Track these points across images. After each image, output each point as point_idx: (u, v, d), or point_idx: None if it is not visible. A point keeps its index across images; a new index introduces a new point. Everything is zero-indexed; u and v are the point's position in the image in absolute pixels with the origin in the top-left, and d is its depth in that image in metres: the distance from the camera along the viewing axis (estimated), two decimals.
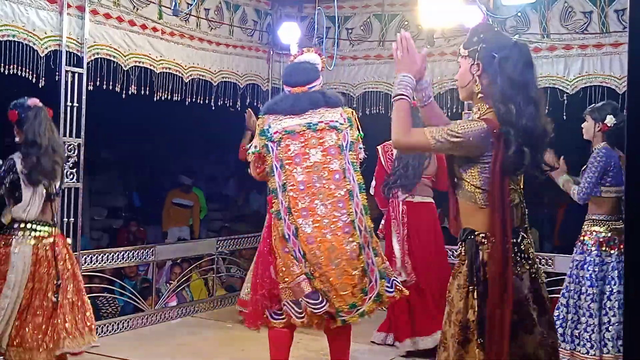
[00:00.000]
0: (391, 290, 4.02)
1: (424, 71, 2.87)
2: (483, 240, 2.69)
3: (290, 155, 3.98)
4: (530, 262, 2.73)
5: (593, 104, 4.81)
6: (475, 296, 2.65)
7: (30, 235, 4.19)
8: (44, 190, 4.21)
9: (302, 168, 3.96)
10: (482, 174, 2.68)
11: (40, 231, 4.22)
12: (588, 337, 4.49)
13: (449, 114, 6.01)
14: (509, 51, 2.69)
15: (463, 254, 2.75)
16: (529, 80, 2.69)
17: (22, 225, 4.19)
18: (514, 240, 2.70)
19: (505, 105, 2.64)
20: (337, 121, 4.03)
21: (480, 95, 2.74)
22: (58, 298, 4.16)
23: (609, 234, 4.56)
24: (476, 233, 2.70)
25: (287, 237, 3.93)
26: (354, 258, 3.88)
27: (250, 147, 4.19)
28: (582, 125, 4.71)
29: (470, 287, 2.67)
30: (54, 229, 4.32)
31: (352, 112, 4.15)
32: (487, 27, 2.94)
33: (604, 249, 4.56)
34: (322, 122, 4.02)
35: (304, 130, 3.99)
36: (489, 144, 2.63)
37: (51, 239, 4.25)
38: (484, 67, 2.72)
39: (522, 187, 2.82)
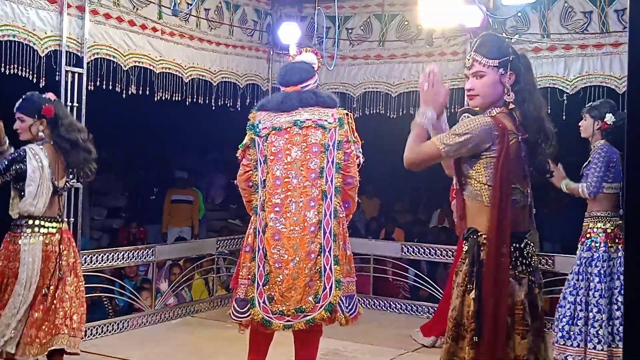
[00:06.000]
0: (350, 310, 3.90)
1: (444, 106, 2.91)
2: (485, 241, 2.72)
3: (274, 151, 3.97)
4: (530, 269, 2.76)
5: (591, 103, 4.85)
6: (472, 295, 2.68)
7: (38, 231, 4.16)
8: (51, 184, 4.18)
9: (282, 164, 3.94)
10: (487, 169, 2.73)
11: (48, 227, 4.19)
12: (595, 332, 4.52)
13: (449, 114, 5.99)
14: (526, 59, 2.83)
15: (465, 252, 2.79)
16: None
17: (30, 221, 4.15)
18: (518, 245, 2.73)
19: (533, 104, 2.76)
20: (325, 120, 3.99)
21: (512, 106, 2.77)
22: (49, 291, 4.15)
23: (615, 230, 4.59)
24: (479, 233, 2.74)
25: (256, 233, 3.96)
26: (313, 259, 3.86)
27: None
28: (580, 124, 4.75)
29: (469, 286, 2.71)
30: (61, 224, 4.29)
31: (346, 113, 4.09)
32: (498, 36, 3.03)
33: (610, 245, 4.59)
34: (309, 119, 3.98)
35: (290, 127, 3.97)
36: (495, 137, 2.70)
37: (59, 236, 4.23)
38: (516, 77, 2.77)
39: (530, 190, 2.84)
